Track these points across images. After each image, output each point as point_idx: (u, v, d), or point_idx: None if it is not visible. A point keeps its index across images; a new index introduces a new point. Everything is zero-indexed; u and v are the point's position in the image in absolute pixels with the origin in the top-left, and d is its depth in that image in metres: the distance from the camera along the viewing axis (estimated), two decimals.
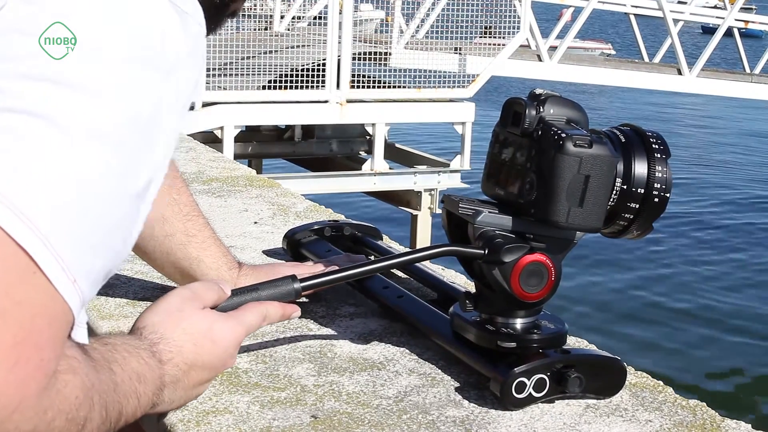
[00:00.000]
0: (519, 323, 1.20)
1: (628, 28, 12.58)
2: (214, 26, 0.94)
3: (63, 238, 0.71)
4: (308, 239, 1.66)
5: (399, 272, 1.57)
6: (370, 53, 8.57)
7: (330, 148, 9.12)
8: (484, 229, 1.19)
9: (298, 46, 8.37)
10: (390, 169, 8.42)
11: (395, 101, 8.30)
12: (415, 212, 8.49)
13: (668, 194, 1.18)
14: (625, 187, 1.18)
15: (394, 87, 8.46)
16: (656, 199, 1.18)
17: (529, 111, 1.18)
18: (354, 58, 8.22)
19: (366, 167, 8.32)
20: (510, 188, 1.20)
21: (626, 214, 1.19)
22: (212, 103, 7.39)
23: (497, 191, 1.23)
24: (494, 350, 1.19)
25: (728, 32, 11.10)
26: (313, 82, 7.85)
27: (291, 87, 7.80)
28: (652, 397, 1.22)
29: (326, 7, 8.20)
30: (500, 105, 1.24)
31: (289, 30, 9.81)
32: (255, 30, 9.72)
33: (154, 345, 0.96)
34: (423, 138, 13.54)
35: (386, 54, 8.57)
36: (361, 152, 9.11)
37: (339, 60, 7.85)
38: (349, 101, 7.99)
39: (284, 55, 8.16)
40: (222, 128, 7.53)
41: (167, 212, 1.36)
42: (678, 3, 12.89)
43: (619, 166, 1.17)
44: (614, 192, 1.17)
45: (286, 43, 8.50)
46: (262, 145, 9.12)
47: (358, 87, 8.11)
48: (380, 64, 8.61)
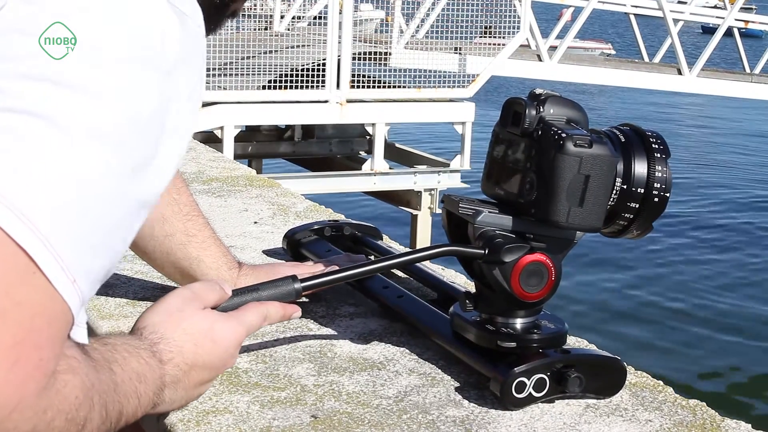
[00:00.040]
0: (519, 323, 1.20)
1: (628, 28, 12.57)
2: (213, 26, 0.94)
3: (63, 238, 0.71)
4: (308, 239, 1.66)
5: (399, 272, 1.57)
6: (370, 53, 8.57)
7: (330, 148, 9.12)
8: (485, 228, 1.19)
9: (298, 46, 8.36)
10: (390, 169, 8.41)
11: (395, 101, 8.30)
12: (415, 212, 8.49)
13: (668, 194, 1.18)
14: (625, 186, 1.18)
15: (394, 87, 8.46)
16: (656, 199, 1.18)
17: (529, 111, 1.18)
18: (354, 58, 8.21)
19: (366, 167, 8.31)
20: (510, 188, 1.20)
21: (626, 214, 1.19)
22: (212, 103, 7.38)
23: (497, 191, 1.23)
24: (494, 350, 1.19)
25: (728, 32, 11.09)
26: (313, 82, 7.85)
27: (291, 87, 7.80)
28: (652, 397, 1.22)
29: (326, 7, 8.19)
30: (500, 105, 1.24)
31: (289, 30, 9.81)
32: (255, 30, 9.72)
33: (155, 345, 0.96)
34: (423, 138, 13.53)
35: (386, 54, 8.57)
36: (361, 152, 9.11)
37: (339, 60, 7.85)
38: (349, 101, 7.99)
39: (284, 55, 8.16)
40: (222, 128, 7.52)
41: (167, 212, 1.36)
42: (678, 3, 12.88)
43: (619, 166, 1.17)
44: (614, 192, 1.17)
45: (286, 43, 8.50)
46: (262, 145, 9.11)
47: (358, 87, 8.10)
48: (380, 64, 8.60)
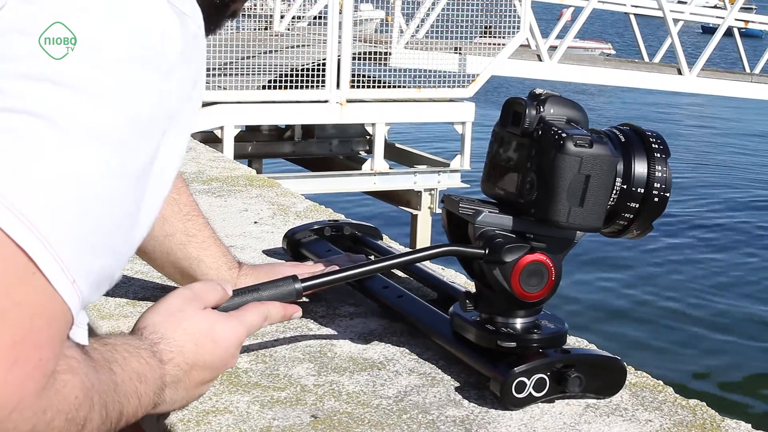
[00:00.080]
0: (519, 323, 1.20)
1: (628, 28, 12.57)
2: (213, 27, 0.94)
3: (62, 238, 0.71)
4: (308, 239, 1.66)
5: (399, 272, 1.57)
6: (370, 53, 8.56)
7: (330, 148, 9.12)
8: (485, 228, 1.19)
9: (298, 46, 8.36)
10: (390, 168, 8.41)
11: (395, 101, 8.30)
12: (415, 212, 8.49)
13: (668, 194, 1.18)
14: (625, 186, 1.18)
15: (394, 87, 8.46)
16: (656, 199, 1.18)
17: (529, 111, 1.18)
18: (354, 58, 8.21)
19: (366, 167, 8.31)
20: (510, 188, 1.20)
21: (626, 214, 1.19)
22: (212, 102, 7.38)
23: (497, 191, 1.23)
24: (494, 350, 1.19)
25: (728, 32, 11.09)
26: (313, 81, 7.85)
27: (291, 87, 7.80)
28: (652, 397, 1.22)
29: (326, 7, 8.19)
30: (500, 105, 1.24)
31: (289, 30, 9.81)
32: (255, 30, 9.72)
33: (155, 345, 0.96)
34: (423, 138, 13.53)
35: (386, 54, 8.56)
36: (361, 152, 9.11)
37: (339, 60, 7.85)
38: (349, 101, 7.99)
39: (284, 55, 8.16)
40: (222, 128, 7.52)
41: (167, 212, 1.36)
42: (678, 3, 12.88)
43: (619, 166, 1.17)
44: (614, 192, 1.17)
45: (286, 43, 8.50)
46: (262, 145, 9.12)
47: (358, 87, 8.10)
48: (380, 64, 8.60)
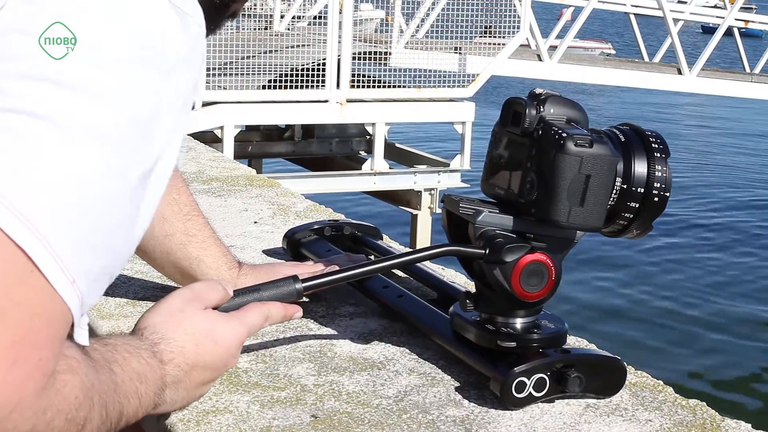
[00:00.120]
0: (519, 323, 1.20)
1: (628, 28, 12.57)
2: (213, 27, 0.94)
3: (62, 238, 0.71)
4: (308, 239, 1.66)
5: (399, 272, 1.57)
6: (370, 53, 8.56)
7: (330, 148, 9.11)
8: (485, 228, 1.19)
9: (298, 46, 8.36)
10: (390, 168, 8.41)
11: (395, 101, 8.29)
12: (415, 212, 8.49)
13: (668, 193, 1.18)
14: (625, 186, 1.18)
15: (394, 86, 8.46)
16: (656, 199, 1.18)
17: (529, 110, 1.18)
18: (354, 58, 8.21)
19: (366, 167, 8.31)
20: (510, 188, 1.20)
21: (626, 214, 1.19)
22: (212, 102, 7.38)
23: (497, 191, 1.23)
24: (494, 350, 1.19)
25: (728, 32, 11.09)
26: (313, 81, 7.85)
27: (291, 86, 7.80)
28: (652, 397, 1.22)
29: (326, 7, 8.19)
30: (500, 105, 1.24)
31: (289, 29, 9.81)
32: (255, 29, 9.72)
33: (155, 345, 0.96)
34: (423, 138, 13.53)
35: (386, 54, 8.56)
36: (361, 152, 9.11)
37: (339, 59, 7.84)
38: (349, 101, 7.99)
39: (284, 55, 8.16)
40: (222, 128, 7.52)
41: (167, 212, 1.36)
42: (678, 2, 12.87)
43: (619, 166, 1.17)
44: (614, 191, 1.17)
45: (286, 43, 8.50)
46: (262, 145, 9.11)
47: (358, 86, 8.10)
48: (380, 64, 8.60)
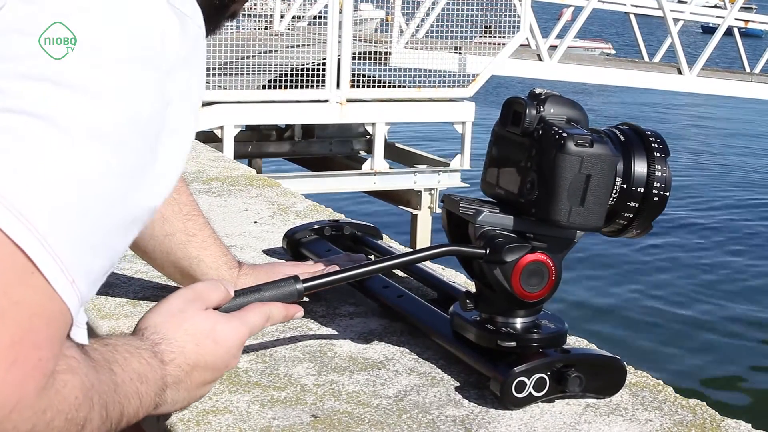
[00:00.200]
0: (519, 323, 1.20)
1: (628, 28, 12.56)
2: (213, 27, 0.93)
3: (62, 238, 0.71)
4: (308, 239, 1.66)
5: (399, 271, 1.57)
6: (370, 53, 8.56)
7: (330, 148, 9.11)
8: (485, 228, 1.19)
9: (298, 46, 8.36)
10: (390, 168, 8.41)
11: (395, 101, 8.29)
12: (415, 212, 8.49)
13: (668, 193, 1.19)
14: (625, 186, 1.18)
15: (394, 86, 8.46)
16: (656, 198, 1.18)
17: (530, 110, 1.18)
18: (354, 58, 8.21)
19: (366, 167, 8.31)
20: (510, 188, 1.20)
21: (626, 213, 1.19)
22: (212, 102, 7.38)
23: (497, 191, 1.23)
24: (494, 350, 1.19)
25: (728, 32, 11.09)
26: (313, 81, 7.85)
27: (291, 86, 7.79)
28: (652, 397, 1.22)
29: (326, 7, 8.19)
30: (500, 105, 1.24)
31: (289, 29, 9.81)
32: (255, 29, 9.72)
33: (156, 345, 0.96)
34: (423, 137, 13.52)
35: (386, 53, 8.56)
36: (361, 152, 9.11)
37: (339, 59, 7.84)
38: (349, 101, 7.99)
39: (284, 55, 8.16)
40: (222, 128, 7.52)
41: (167, 212, 1.36)
42: (678, 2, 12.87)
43: (619, 166, 1.17)
44: (614, 191, 1.17)
45: (286, 43, 8.50)
46: (262, 145, 9.11)
47: (358, 86, 8.10)
48: (380, 64, 8.59)
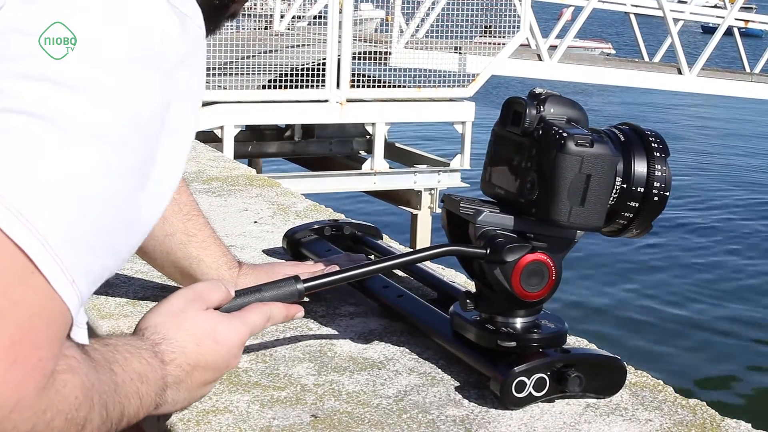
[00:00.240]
0: (519, 322, 1.20)
1: (628, 28, 12.56)
2: (213, 27, 0.93)
3: (62, 238, 0.71)
4: (308, 238, 1.66)
5: (399, 271, 1.57)
6: (370, 52, 8.56)
7: (330, 148, 9.11)
8: (486, 228, 1.19)
9: (298, 46, 8.36)
10: (390, 168, 8.41)
11: (395, 100, 8.29)
12: (415, 212, 8.49)
13: (668, 193, 1.19)
14: (625, 186, 1.18)
15: (394, 86, 8.45)
16: (656, 198, 1.18)
17: (530, 110, 1.18)
18: (354, 58, 8.21)
19: (366, 166, 8.31)
20: (510, 188, 1.20)
21: (626, 213, 1.19)
22: (212, 102, 7.38)
23: (497, 191, 1.23)
24: (494, 349, 1.19)
25: (728, 32, 11.09)
26: (313, 81, 7.85)
27: (291, 86, 7.80)
28: (652, 397, 1.22)
29: (326, 7, 8.19)
30: (500, 104, 1.24)
31: (289, 29, 9.81)
32: (255, 29, 9.72)
33: (157, 345, 0.96)
34: (423, 137, 13.52)
35: (386, 53, 8.56)
36: (360, 152, 9.11)
37: (339, 59, 7.84)
38: (349, 100, 7.99)
39: (284, 55, 8.16)
40: (222, 128, 7.52)
41: (167, 211, 1.35)
42: (678, 2, 12.87)
43: (619, 166, 1.17)
44: (614, 191, 1.17)
45: (286, 43, 8.50)
46: (262, 145, 9.11)
47: (358, 86, 8.10)
48: (380, 64, 8.59)
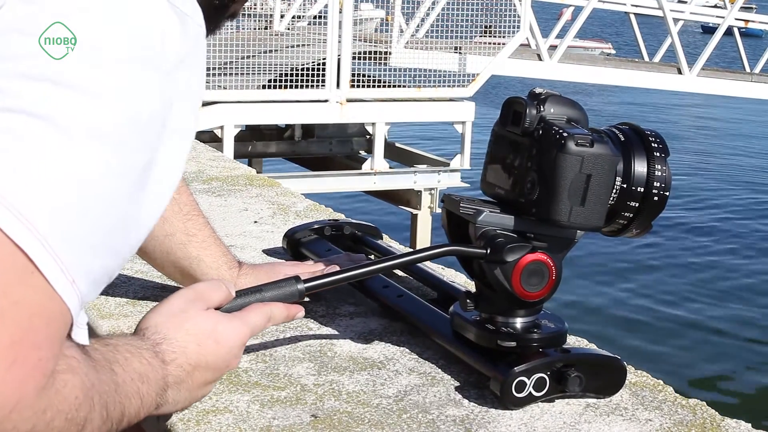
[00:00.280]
0: (519, 322, 1.20)
1: (628, 28, 12.56)
2: (213, 27, 0.93)
3: (62, 238, 0.71)
4: (308, 238, 1.66)
5: (399, 271, 1.57)
6: (370, 52, 8.56)
7: (330, 148, 9.11)
8: (486, 228, 1.19)
9: (298, 46, 8.36)
10: (390, 168, 8.41)
11: (395, 100, 8.29)
12: (415, 211, 8.49)
13: (667, 193, 1.19)
14: (625, 185, 1.18)
15: (394, 86, 8.45)
16: (656, 198, 1.18)
17: (530, 110, 1.18)
18: (354, 58, 8.21)
19: (366, 166, 8.32)
20: (510, 188, 1.20)
21: (626, 213, 1.19)
22: (212, 102, 7.38)
23: (497, 191, 1.23)
24: (494, 349, 1.19)
25: (728, 31, 11.09)
26: (313, 81, 7.85)
27: (291, 86, 7.79)
28: (652, 396, 1.22)
29: (326, 6, 8.19)
30: (500, 104, 1.24)
31: (289, 29, 9.81)
32: (255, 29, 9.72)
33: (157, 345, 0.96)
34: (423, 137, 13.51)
35: (386, 53, 8.56)
36: (360, 151, 9.11)
37: (339, 59, 7.84)
38: (349, 100, 7.99)
39: (284, 55, 8.16)
40: (222, 127, 7.52)
41: (167, 211, 1.35)
42: (678, 2, 12.87)
43: (619, 166, 1.17)
44: (614, 191, 1.17)
45: (286, 43, 8.50)
46: (262, 145, 9.11)
47: (358, 86, 8.10)
48: (380, 64, 8.59)
